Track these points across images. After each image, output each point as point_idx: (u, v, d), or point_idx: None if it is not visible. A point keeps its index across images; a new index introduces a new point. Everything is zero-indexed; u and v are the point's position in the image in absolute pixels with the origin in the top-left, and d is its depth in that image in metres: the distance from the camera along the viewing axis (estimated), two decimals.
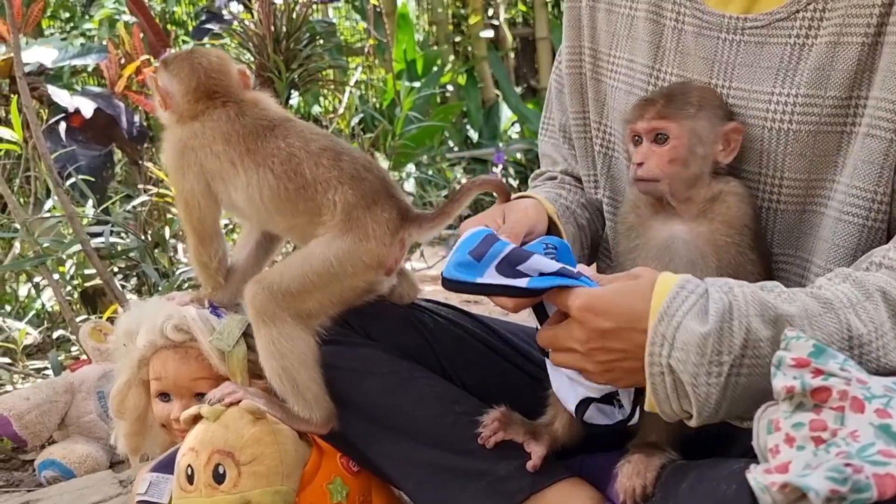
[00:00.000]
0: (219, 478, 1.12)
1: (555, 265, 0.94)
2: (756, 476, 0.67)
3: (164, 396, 1.36)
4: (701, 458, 1.03)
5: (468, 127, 6.49)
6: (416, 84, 5.57)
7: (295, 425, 1.20)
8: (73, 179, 2.50)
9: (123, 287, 2.70)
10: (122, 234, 2.57)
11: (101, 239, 2.33)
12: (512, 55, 7.39)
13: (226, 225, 3.24)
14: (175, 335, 1.29)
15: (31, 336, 2.47)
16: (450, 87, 6.53)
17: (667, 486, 1.00)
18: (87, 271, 2.52)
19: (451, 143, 6.00)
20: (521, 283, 0.94)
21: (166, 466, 1.28)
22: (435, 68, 6.20)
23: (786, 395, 0.71)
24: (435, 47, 6.82)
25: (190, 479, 1.13)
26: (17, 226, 2.17)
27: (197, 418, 1.19)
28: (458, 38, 7.36)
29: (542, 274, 0.94)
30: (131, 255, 2.47)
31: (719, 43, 1.13)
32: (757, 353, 0.82)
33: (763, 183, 1.10)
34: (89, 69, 4.18)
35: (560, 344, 0.95)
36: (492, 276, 0.96)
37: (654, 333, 0.85)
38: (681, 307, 0.85)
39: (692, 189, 1.07)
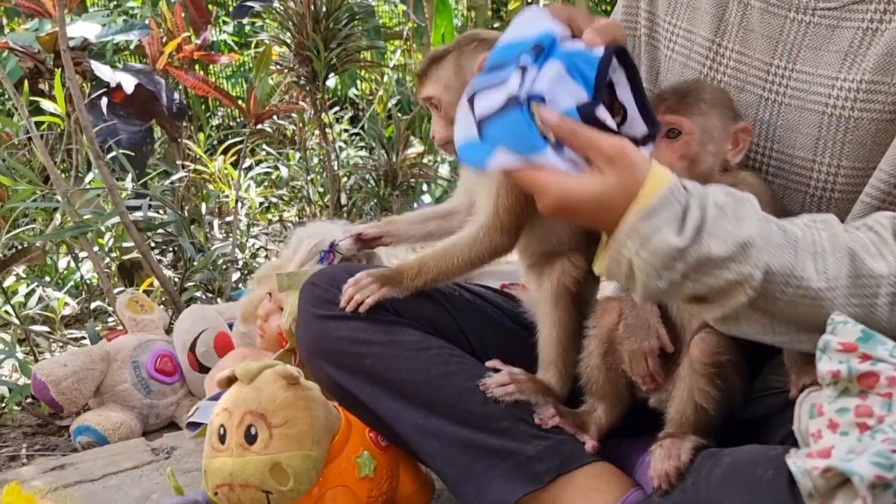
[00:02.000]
0: (250, 439, 1.13)
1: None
2: (797, 460, 0.65)
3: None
4: (737, 445, 1.01)
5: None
6: None
7: (544, 401, 1.17)
8: (113, 153, 2.53)
9: (160, 261, 2.74)
10: (160, 210, 2.61)
11: (140, 213, 2.35)
12: None
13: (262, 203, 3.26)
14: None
15: (70, 306, 2.52)
16: None
17: (699, 472, 0.98)
18: (125, 244, 2.56)
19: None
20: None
21: (217, 398, 1.34)
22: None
23: (831, 379, 0.68)
24: None
25: (222, 438, 1.14)
26: (59, 197, 2.20)
27: (231, 380, 1.20)
28: (496, 24, 7.30)
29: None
30: (168, 229, 2.50)
31: (786, 22, 1.09)
32: (708, 267, 0.85)
33: (817, 171, 1.07)
34: (132, 47, 4.23)
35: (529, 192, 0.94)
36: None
37: (630, 228, 0.86)
38: (663, 213, 0.86)
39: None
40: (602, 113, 0.86)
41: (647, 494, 1.09)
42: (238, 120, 4.68)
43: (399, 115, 3.47)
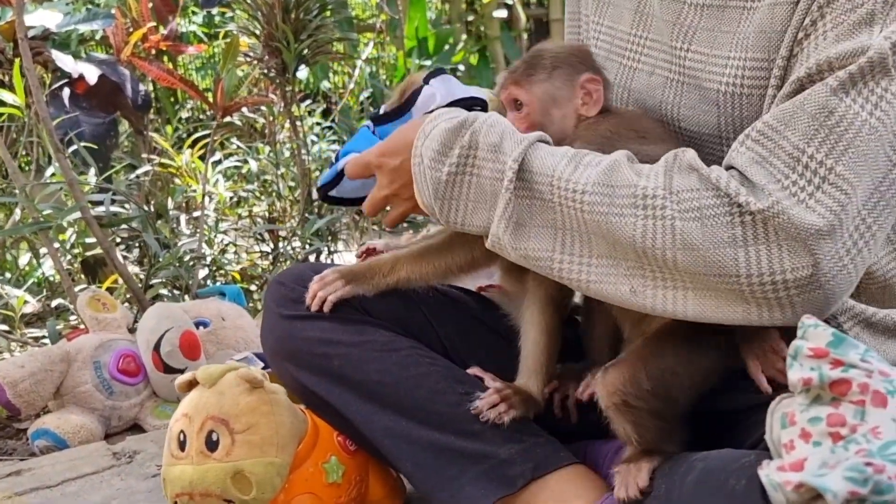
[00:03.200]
0: (211, 445, 1.10)
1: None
2: (769, 473, 0.63)
3: None
4: (709, 449, 0.99)
5: None
6: (428, 63, 5.51)
7: (527, 411, 1.16)
8: (75, 146, 2.47)
9: (125, 258, 2.68)
10: (125, 204, 2.54)
11: (103, 208, 2.29)
12: (525, 36, 7.29)
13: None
14: None
15: (30, 304, 2.45)
16: (461, 67, 6.46)
17: (672, 478, 0.96)
18: (88, 240, 2.50)
19: None
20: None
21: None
22: (447, 47, 6.13)
23: (802, 387, 0.67)
24: (447, 26, 6.73)
25: (182, 445, 1.11)
26: (18, 192, 2.13)
27: (192, 384, 1.16)
28: (470, 18, 7.26)
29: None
30: (133, 224, 2.44)
31: (684, 8, 1.12)
32: (477, 155, 1.01)
33: (726, 146, 1.05)
34: (97, 37, 4.13)
35: (377, 199, 1.17)
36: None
37: (420, 132, 1.06)
38: (444, 115, 1.07)
39: (563, 143, 1.09)
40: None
41: None
42: (208, 113, 4.60)
43: (371, 108, 3.43)
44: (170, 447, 1.12)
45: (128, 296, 2.36)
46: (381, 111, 1.33)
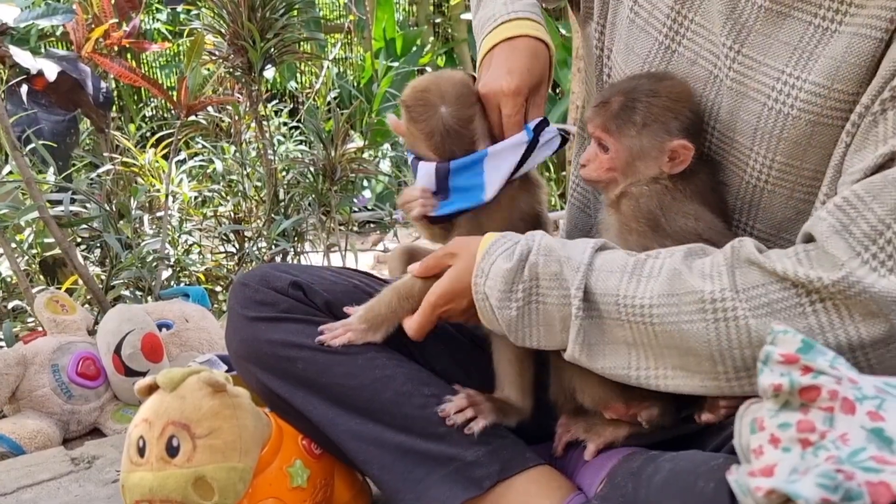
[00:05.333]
0: (172, 451, 1.06)
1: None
2: (738, 478, 0.63)
3: None
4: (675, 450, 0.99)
5: None
6: (395, 64, 5.49)
7: (507, 420, 1.16)
8: (33, 144, 2.40)
9: (86, 258, 2.62)
10: (86, 204, 2.48)
11: (62, 207, 2.24)
12: None
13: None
14: None
15: None
16: (429, 69, 6.45)
17: (640, 477, 0.96)
18: (47, 240, 2.44)
19: None
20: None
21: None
22: (414, 48, 6.12)
23: (773, 392, 0.67)
24: (415, 27, 6.72)
25: (141, 451, 1.08)
26: None
27: (152, 388, 1.13)
28: (438, 20, 7.26)
29: None
30: (93, 224, 2.38)
31: (741, 1, 1.04)
32: (539, 284, 1.01)
33: (753, 160, 1.05)
34: (57, 33, 4.04)
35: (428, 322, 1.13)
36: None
37: (477, 268, 1.04)
38: (497, 251, 1.04)
39: (631, 189, 1.10)
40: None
41: (587, 498, 1.08)
42: (172, 112, 4.52)
43: (338, 108, 3.40)
44: (129, 453, 1.09)
45: (88, 297, 2.31)
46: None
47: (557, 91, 5.87)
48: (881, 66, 0.92)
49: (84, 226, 2.45)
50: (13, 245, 2.22)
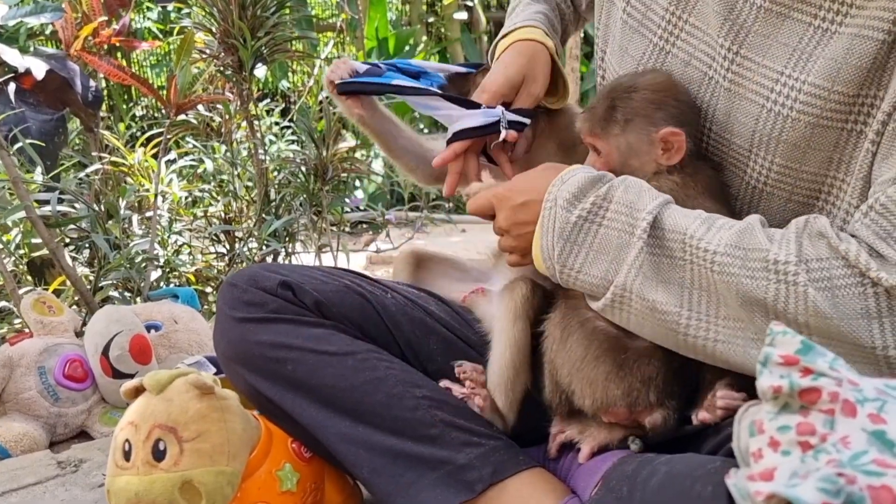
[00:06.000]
0: (158, 455, 1.04)
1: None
2: (737, 482, 0.62)
3: None
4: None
5: None
6: None
7: (493, 419, 1.17)
8: (20, 143, 2.37)
9: (75, 259, 2.59)
10: (75, 204, 2.45)
11: (49, 207, 2.21)
12: (485, 38, 7.29)
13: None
14: None
15: None
16: None
17: (635, 480, 0.95)
18: (34, 240, 2.41)
19: (420, 125, 5.92)
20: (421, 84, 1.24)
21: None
22: (407, 48, 6.10)
23: (772, 394, 0.65)
24: (407, 27, 6.70)
25: (127, 455, 1.06)
26: None
27: (139, 391, 1.11)
28: (431, 19, 7.25)
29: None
30: (81, 224, 2.35)
31: (739, 2, 1.03)
32: (610, 208, 1.00)
33: (753, 162, 1.04)
34: (47, 32, 4.00)
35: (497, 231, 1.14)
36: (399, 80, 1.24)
37: (557, 178, 1.04)
38: (582, 170, 1.05)
39: None
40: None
41: (582, 502, 1.07)
42: (163, 111, 4.49)
43: (330, 108, 3.37)
44: (114, 457, 1.07)
45: (76, 298, 2.28)
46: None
47: None
48: (887, 69, 0.90)
49: (72, 226, 2.42)
50: (0, 245, 2.19)
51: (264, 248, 2.73)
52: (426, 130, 5.32)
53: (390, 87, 1.24)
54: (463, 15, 6.83)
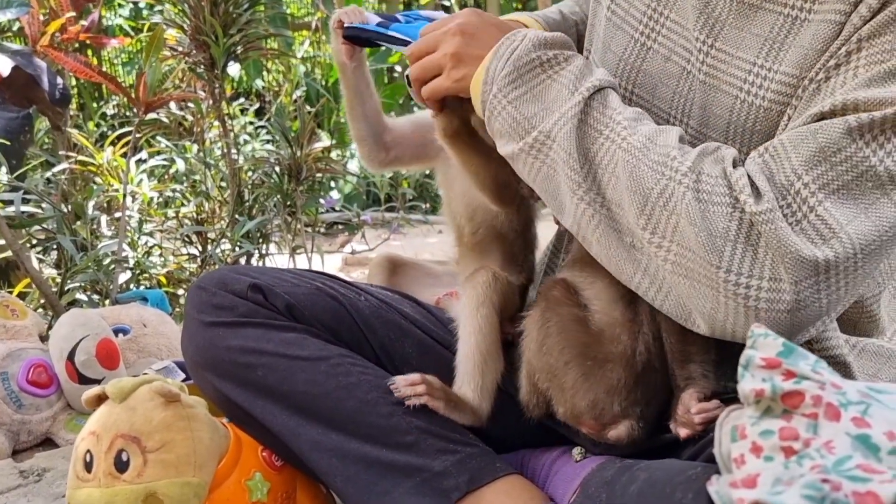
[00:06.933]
0: (121, 466, 1.01)
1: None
2: (719, 489, 0.60)
3: None
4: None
5: (415, 108, 6.38)
6: None
7: (459, 417, 1.13)
8: None
9: (41, 261, 2.53)
10: (42, 205, 2.39)
11: (13, 207, 2.15)
12: None
13: None
14: None
15: None
16: (398, 67, 6.40)
17: (612, 488, 0.93)
18: None
19: (415, 110, 5.88)
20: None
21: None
22: (383, 49, 6.06)
23: (754, 398, 0.63)
24: None
25: (88, 466, 1.02)
26: None
27: (101, 399, 1.07)
28: None
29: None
30: (46, 225, 2.29)
31: None
32: (564, 67, 1.02)
33: None
34: (14, 28, 3.91)
35: (431, 59, 1.10)
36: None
37: (535, 26, 1.09)
38: (557, 33, 1.06)
39: None
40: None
41: None
42: (134, 109, 4.42)
43: (307, 106, 3.34)
44: (75, 468, 1.03)
45: (41, 301, 2.22)
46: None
47: None
48: (834, 42, 0.93)
49: (38, 227, 2.36)
50: None
51: (237, 249, 2.69)
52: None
53: (390, 38, 1.24)
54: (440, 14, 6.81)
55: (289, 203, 2.84)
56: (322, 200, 3.31)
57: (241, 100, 4.88)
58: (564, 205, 0.99)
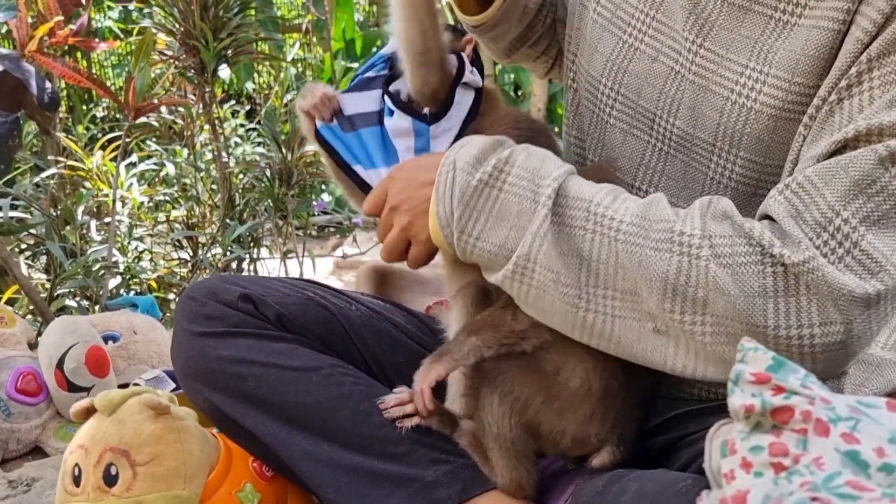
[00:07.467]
0: (110, 480, 1.00)
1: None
2: None
3: None
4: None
5: None
6: (355, 65, 5.42)
7: (448, 430, 1.12)
8: None
9: (31, 267, 2.51)
10: (31, 210, 2.38)
11: (1, 213, 2.14)
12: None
13: None
14: None
15: None
16: None
17: (604, 497, 0.93)
18: None
19: None
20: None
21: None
22: (374, 49, 6.06)
23: (744, 414, 0.63)
24: (375, 28, 6.66)
25: (76, 480, 1.01)
26: None
27: (90, 412, 1.07)
28: None
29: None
30: (35, 231, 2.28)
31: None
32: (511, 172, 0.98)
33: (717, 156, 1.03)
34: (2, 32, 3.90)
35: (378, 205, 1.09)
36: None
37: (456, 144, 1.03)
38: (480, 136, 1.04)
39: None
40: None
41: None
42: (124, 113, 4.40)
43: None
44: (63, 482, 1.02)
45: (30, 308, 2.21)
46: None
47: (519, 93, 5.87)
48: (838, 57, 0.92)
49: (27, 232, 2.35)
50: None
51: (228, 253, 2.68)
52: None
53: (355, 175, 1.16)
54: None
55: (280, 207, 2.84)
56: (314, 204, 3.31)
57: (232, 102, 4.86)
58: (566, 321, 0.96)
